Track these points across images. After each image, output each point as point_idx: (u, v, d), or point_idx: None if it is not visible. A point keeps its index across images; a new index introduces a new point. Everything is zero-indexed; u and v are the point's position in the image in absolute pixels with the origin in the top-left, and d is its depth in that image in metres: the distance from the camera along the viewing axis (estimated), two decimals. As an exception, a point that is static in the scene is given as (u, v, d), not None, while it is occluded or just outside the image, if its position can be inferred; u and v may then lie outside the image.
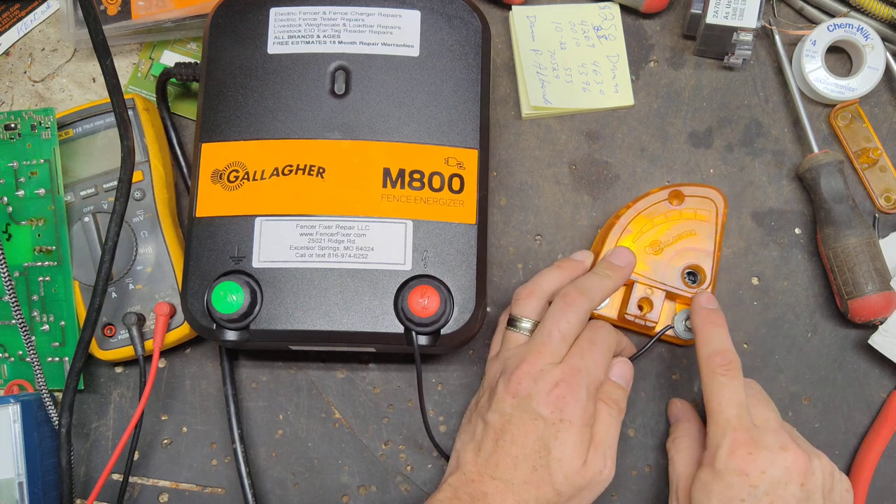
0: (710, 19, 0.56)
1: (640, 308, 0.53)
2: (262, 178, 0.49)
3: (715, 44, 0.58)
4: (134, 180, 0.53)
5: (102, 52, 0.46)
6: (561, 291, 0.50)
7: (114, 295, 0.53)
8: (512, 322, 0.51)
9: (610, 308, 0.55)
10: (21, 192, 0.54)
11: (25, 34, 0.61)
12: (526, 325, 0.51)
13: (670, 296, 0.54)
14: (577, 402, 0.47)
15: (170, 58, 0.59)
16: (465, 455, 0.49)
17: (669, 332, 0.53)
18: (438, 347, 0.49)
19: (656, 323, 0.53)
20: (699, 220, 0.54)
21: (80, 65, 0.61)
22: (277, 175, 0.49)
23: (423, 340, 0.48)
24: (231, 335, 0.48)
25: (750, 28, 0.56)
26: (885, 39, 0.58)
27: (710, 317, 0.49)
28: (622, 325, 0.55)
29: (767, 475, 0.44)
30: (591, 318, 0.53)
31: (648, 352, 0.55)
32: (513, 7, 0.60)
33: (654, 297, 0.53)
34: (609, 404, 0.49)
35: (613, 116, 0.59)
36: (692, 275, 0.54)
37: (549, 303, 0.51)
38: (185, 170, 0.58)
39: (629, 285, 0.54)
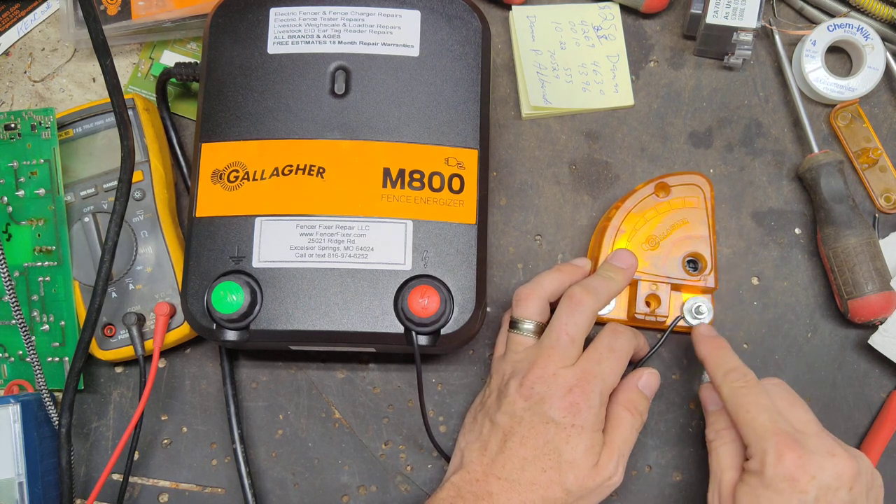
0: (710, 19, 0.56)
1: (648, 305, 0.54)
2: (262, 178, 0.49)
3: (715, 44, 0.58)
4: (134, 180, 0.53)
5: (102, 52, 0.46)
6: (567, 292, 0.50)
7: (114, 295, 0.53)
8: (514, 324, 0.51)
9: (618, 310, 0.55)
10: (21, 192, 0.54)
11: (25, 34, 0.61)
12: (528, 326, 0.51)
13: (675, 287, 0.54)
14: (591, 408, 0.47)
15: (170, 58, 0.59)
16: (469, 454, 0.49)
17: (681, 323, 0.54)
18: (438, 347, 0.49)
19: (667, 317, 0.53)
20: (689, 208, 0.54)
21: (80, 65, 0.61)
22: (277, 175, 0.49)
23: (423, 340, 0.48)
24: (231, 335, 0.48)
25: (750, 28, 0.56)
26: (885, 39, 0.58)
27: (715, 343, 0.51)
28: (633, 324, 0.55)
29: (817, 480, 0.44)
30: (606, 322, 0.53)
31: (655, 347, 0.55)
32: (513, 7, 0.60)
33: (659, 291, 0.53)
34: (633, 414, 0.49)
35: (613, 116, 0.59)
36: (693, 262, 0.54)
37: (550, 304, 0.51)
38: (185, 170, 0.58)
39: (633, 284, 0.54)
